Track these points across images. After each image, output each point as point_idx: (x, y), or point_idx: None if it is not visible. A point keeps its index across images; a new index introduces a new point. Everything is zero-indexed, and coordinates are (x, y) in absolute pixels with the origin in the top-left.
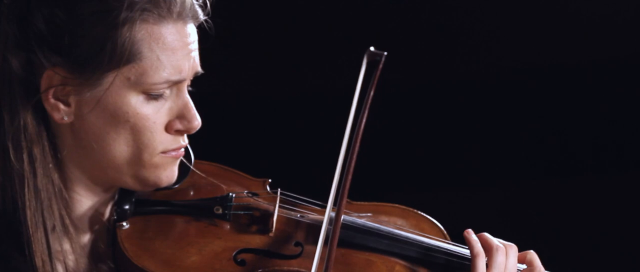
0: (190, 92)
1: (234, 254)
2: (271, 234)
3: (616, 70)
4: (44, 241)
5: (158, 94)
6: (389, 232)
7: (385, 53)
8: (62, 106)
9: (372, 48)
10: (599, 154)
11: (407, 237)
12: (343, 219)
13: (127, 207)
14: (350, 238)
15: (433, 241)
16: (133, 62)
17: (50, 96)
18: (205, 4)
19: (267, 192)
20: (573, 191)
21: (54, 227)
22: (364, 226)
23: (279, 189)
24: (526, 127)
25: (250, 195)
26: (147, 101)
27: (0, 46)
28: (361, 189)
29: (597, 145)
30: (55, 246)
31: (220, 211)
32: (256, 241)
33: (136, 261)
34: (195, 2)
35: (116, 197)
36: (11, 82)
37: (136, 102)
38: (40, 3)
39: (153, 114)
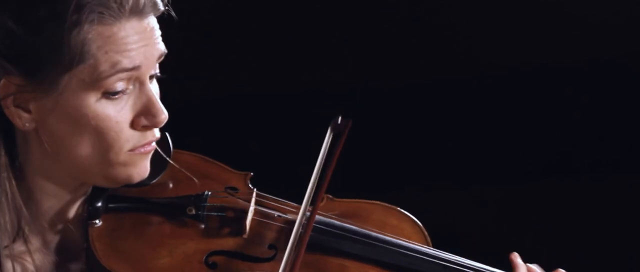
0: (160, 79)
1: (205, 256)
2: (245, 236)
3: (611, 70)
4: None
5: (117, 91)
6: (364, 237)
7: (350, 121)
8: (23, 113)
9: (339, 119)
10: (596, 154)
11: (383, 242)
12: (317, 223)
13: (99, 204)
14: (324, 242)
15: (411, 246)
16: (86, 61)
17: (9, 104)
18: None
19: (247, 188)
20: (569, 191)
21: (13, 229)
22: (338, 229)
23: (255, 189)
24: (521, 127)
25: (229, 190)
26: (107, 101)
27: None
28: (356, 187)
29: (593, 145)
30: (16, 249)
31: (193, 212)
32: (229, 243)
33: (104, 262)
34: None
35: (88, 193)
36: None
37: (95, 103)
38: None
39: (115, 114)
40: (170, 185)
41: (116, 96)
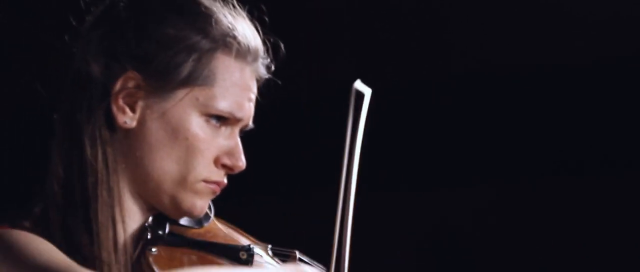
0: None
1: None
2: None
3: (611, 70)
4: (111, 235)
5: (218, 124)
6: None
7: (370, 91)
8: (128, 111)
9: (358, 83)
10: (592, 153)
11: None
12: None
13: (161, 233)
14: None
15: None
16: (206, 85)
17: (120, 98)
18: (270, 67)
19: (271, 256)
20: (563, 190)
21: (122, 222)
22: None
23: (297, 252)
24: (521, 126)
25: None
26: (208, 126)
27: (83, 49)
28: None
29: (593, 144)
30: (121, 238)
31: (245, 257)
32: None
33: None
34: (263, 59)
35: (150, 222)
36: (90, 84)
37: (198, 123)
38: (135, 15)
39: (209, 140)
40: (210, 237)
41: (216, 125)
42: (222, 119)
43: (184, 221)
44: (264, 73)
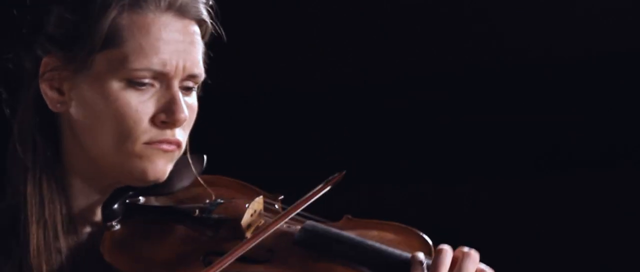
0: (198, 97)
1: (203, 256)
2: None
3: (608, 66)
4: (42, 233)
5: (141, 83)
6: (352, 240)
7: (343, 172)
8: (57, 94)
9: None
10: (579, 151)
11: (371, 247)
12: (308, 224)
13: (115, 207)
14: (313, 245)
15: (400, 252)
16: (114, 47)
17: (45, 84)
18: (207, 2)
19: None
20: (550, 188)
21: (54, 221)
22: (326, 231)
23: (262, 196)
24: (518, 124)
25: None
26: (130, 89)
27: (14, 45)
28: (348, 183)
29: (590, 142)
30: (50, 239)
31: (197, 214)
32: (228, 245)
33: (106, 257)
34: (190, 1)
35: (109, 196)
36: (21, 76)
37: (118, 89)
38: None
39: (136, 103)
40: (192, 196)
41: (141, 87)
42: (149, 77)
43: (161, 186)
44: (201, 13)
